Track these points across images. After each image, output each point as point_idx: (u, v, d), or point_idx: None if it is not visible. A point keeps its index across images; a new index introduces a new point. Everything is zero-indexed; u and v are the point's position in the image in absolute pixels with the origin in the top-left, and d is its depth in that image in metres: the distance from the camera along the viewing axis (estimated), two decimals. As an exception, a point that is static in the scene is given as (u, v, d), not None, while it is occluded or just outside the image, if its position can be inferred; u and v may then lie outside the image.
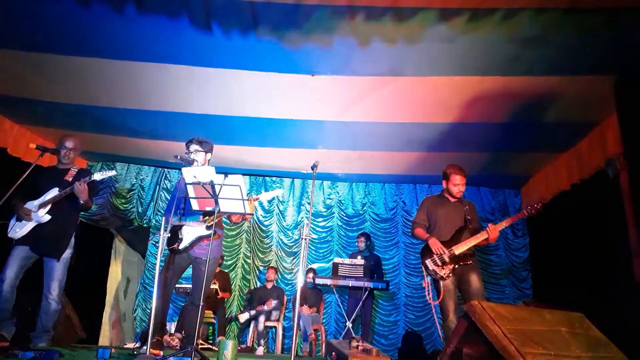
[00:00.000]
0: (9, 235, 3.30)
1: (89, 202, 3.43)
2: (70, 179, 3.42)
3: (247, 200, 2.99)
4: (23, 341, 3.23)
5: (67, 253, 3.40)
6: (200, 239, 3.32)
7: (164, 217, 3.28)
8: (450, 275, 3.38)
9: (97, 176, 3.35)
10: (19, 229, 3.29)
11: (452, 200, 3.67)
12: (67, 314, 4.41)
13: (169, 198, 4.61)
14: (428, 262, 3.44)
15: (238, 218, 3.52)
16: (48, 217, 3.31)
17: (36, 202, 3.33)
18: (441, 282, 3.39)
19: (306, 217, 6.37)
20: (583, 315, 2.50)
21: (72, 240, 3.47)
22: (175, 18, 3.28)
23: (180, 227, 3.34)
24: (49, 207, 3.33)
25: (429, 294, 3.47)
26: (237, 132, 5.16)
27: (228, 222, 3.62)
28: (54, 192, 3.35)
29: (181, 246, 3.29)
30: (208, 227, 3.31)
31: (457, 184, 3.60)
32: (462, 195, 3.66)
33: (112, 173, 3.50)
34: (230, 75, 4.00)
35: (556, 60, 3.55)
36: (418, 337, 5.20)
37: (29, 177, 3.18)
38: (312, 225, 6.67)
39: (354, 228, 6.64)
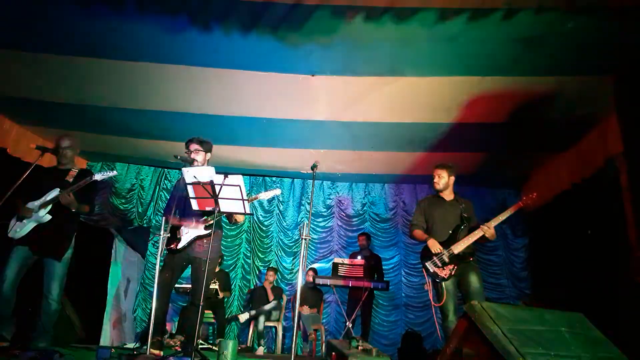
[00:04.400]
0: (9, 235, 3.28)
1: (83, 207, 3.39)
2: (72, 180, 3.42)
3: (247, 200, 2.99)
4: (23, 341, 3.23)
5: (68, 253, 3.39)
6: (198, 238, 3.32)
7: (163, 217, 3.28)
8: (452, 275, 3.38)
9: (98, 177, 3.35)
10: (20, 229, 3.28)
11: (448, 199, 3.67)
12: (67, 314, 4.41)
13: (168, 198, 4.61)
14: (428, 264, 3.44)
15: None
16: (49, 217, 3.30)
17: (37, 202, 3.32)
18: (443, 283, 3.38)
19: (306, 217, 6.37)
20: (583, 315, 2.50)
21: (73, 240, 3.46)
22: (175, 18, 3.28)
23: (179, 227, 3.34)
24: (49, 207, 3.33)
25: (433, 297, 3.45)
26: (237, 132, 5.16)
27: (227, 221, 3.62)
28: (55, 193, 3.35)
29: (179, 246, 3.29)
30: (207, 227, 3.31)
31: (434, 179, 3.68)
32: (453, 192, 3.70)
33: (113, 174, 3.50)
34: (230, 75, 4.00)
35: (556, 60, 3.55)
36: (418, 337, 5.20)
37: (30, 178, 3.18)
38: (312, 225, 6.67)
39: (354, 228, 6.64)
